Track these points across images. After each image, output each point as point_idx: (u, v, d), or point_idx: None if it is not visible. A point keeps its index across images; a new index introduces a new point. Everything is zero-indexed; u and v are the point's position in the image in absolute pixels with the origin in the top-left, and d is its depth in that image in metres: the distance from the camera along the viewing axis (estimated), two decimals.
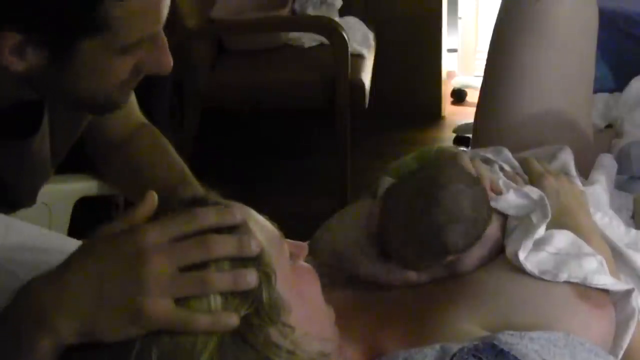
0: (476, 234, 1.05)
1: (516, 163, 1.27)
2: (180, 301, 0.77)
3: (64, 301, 0.77)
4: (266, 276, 0.82)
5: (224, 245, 0.80)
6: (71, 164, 1.37)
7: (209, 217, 0.81)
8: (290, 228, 0.99)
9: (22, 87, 1.08)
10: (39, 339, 0.76)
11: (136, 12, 1.00)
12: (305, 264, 0.93)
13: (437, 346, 0.87)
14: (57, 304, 0.77)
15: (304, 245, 0.93)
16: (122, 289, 0.76)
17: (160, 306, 0.76)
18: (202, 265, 0.79)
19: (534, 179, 1.20)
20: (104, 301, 0.76)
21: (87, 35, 1.00)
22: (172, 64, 1.09)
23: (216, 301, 0.78)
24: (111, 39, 1.01)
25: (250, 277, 0.79)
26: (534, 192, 1.14)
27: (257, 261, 0.82)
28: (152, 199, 0.85)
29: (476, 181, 1.08)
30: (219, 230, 0.81)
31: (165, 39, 1.08)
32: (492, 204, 1.11)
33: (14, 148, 1.19)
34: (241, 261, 0.81)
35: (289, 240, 0.91)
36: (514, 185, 1.16)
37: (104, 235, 0.82)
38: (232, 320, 0.78)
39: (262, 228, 0.86)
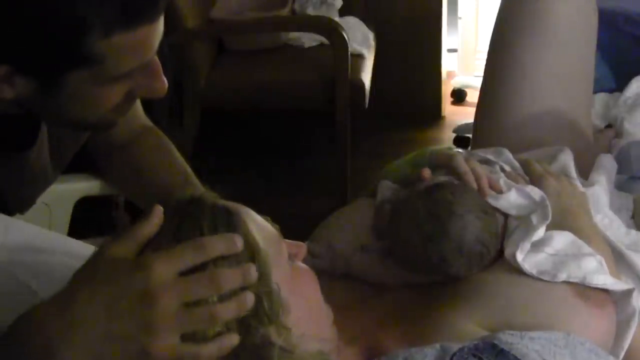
0: (481, 265, 1.04)
1: (517, 164, 1.27)
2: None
3: (72, 336, 0.77)
4: (264, 276, 0.82)
5: (231, 280, 0.80)
6: (72, 163, 1.37)
7: (216, 248, 0.81)
8: (290, 228, 0.99)
9: (15, 107, 1.07)
10: None
11: (124, 46, 0.97)
12: (304, 265, 0.93)
13: (437, 346, 0.87)
14: (65, 339, 0.76)
15: (303, 245, 0.93)
16: (130, 328, 0.77)
17: (167, 345, 0.77)
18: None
19: (534, 180, 1.20)
20: (113, 339, 0.76)
21: (75, 68, 0.98)
22: (166, 88, 1.07)
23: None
24: (100, 71, 0.99)
25: (250, 298, 0.80)
26: (535, 192, 1.14)
27: (254, 258, 0.82)
28: (159, 215, 0.84)
29: (489, 210, 1.06)
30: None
31: (158, 65, 1.05)
32: (493, 202, 1.11)
33: (12, 160, 1.19)
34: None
35: (287, 240, 0.91)
36: (515, 184, 1.16)
37: (110, 262, 0.81)
38: (234, 340, 0.79)
39: (260, 228, 0.86)
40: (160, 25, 1.01)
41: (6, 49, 0.96)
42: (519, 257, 1.02)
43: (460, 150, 1.98)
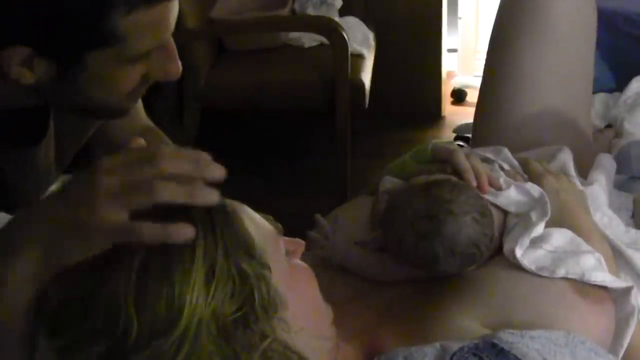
0: (472, 264, 1.04)
1: (516, 163, 1.27)
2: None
3: (24, 227, 0.79)
4: (261, 272, 0.82)
5: (175, 164, 0.80)
6: (72, 163, 1.37)
7: (174, 161, 0.80)
8: (290, 228, 0.99)
9: (30, 96, 1.08)
10: (10, 266, 0.78)
11: (144, 23, 0.99)
12: (302, 263, 0.93)
13: (438, 345, 0.87)
14: (17, 232, 0.79)
15: (300, 241, 0.93)
16: (74, 201, 0.78)
17: (111, 218, 0.77)
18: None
19: (533, 179, 1.20)
20: (59, 223, 0.78)
21: (95, 47, 0.99)
22: (180, 70, 1.08)
23: (198, 292, 0.78)
24: (119, 50, 1.00)
25: (210, 195, 0.80)
26: (535, 189, 1.14)
27: (252, 256, 0.82)
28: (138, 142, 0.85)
29: (486, 212, 1.06)
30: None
31: (174, 46, 1.07)
32: (492, 199, 1.11)
33: (20, 155, 1.19)
34: None
35: (285, 237, 0.91)
36: (515, 181, 1.16)
37: None
38: (188, 231, 0.78)
39: (257, 225, 0.87)
40: (176, 3, 1.03)
41: (27, 29, 0.97)
42: (518, 253, 1.02)
43: (461, 143, 1.98)
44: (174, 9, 1.03)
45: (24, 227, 0.80)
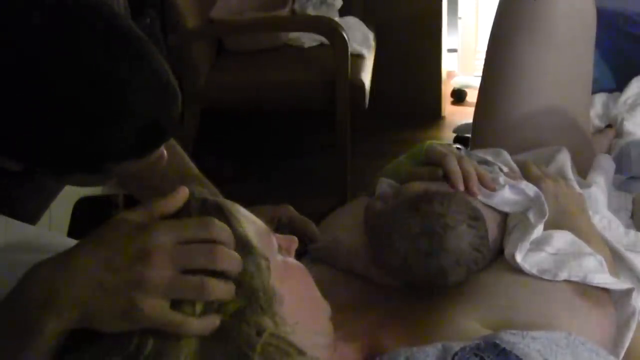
0: (476, 270, 1.04)
1: (515, 166, 1.27)
2: (174, 302, 0.78)
3: (69, 286, 0.78)
4: (257, 268, 0.82)
5: (229, 260, 0.80)
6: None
7: (221, 230, 0.82)
8: None
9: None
10: (45, 322, 0.77)
11: (132, 165, 1.00)
12: (295, 261, 0.93)
13: (439, 345, 0.87)
14: (62, 289, 0.78)
15: (294, 238, 0.93)
16: (122, 282, 0.77)
17: (155, 307, 0.77)
18: (203, 272, 0.80)
19: (532, 183, 1.20)
20: (103, 291, 0.77)
21: (83, 173, 1.02)
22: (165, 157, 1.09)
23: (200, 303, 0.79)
24: (106, 174, 1.03)
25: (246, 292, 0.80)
26: (529, 188, 1.14)
27: (247, 252, 0.83)
28: (182, 196, 0.85)
29: (478, 215, 1.06)
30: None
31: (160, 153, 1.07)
32: (486, 201, 1.11)
33: (30, 182, 1.20)
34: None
35: (278, 234, 0.91)
36: (511, 181, 1.16)
37: (118, 223, 0.82)
38: (217, 322, 0.79)
39: (249, 222, 0.87)
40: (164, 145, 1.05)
41: (30, 156, 0.98)
42: (518, 257, 1.02)
43: (459, 146, 1.98)
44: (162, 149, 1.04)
45: (64, 283, 0.78)
